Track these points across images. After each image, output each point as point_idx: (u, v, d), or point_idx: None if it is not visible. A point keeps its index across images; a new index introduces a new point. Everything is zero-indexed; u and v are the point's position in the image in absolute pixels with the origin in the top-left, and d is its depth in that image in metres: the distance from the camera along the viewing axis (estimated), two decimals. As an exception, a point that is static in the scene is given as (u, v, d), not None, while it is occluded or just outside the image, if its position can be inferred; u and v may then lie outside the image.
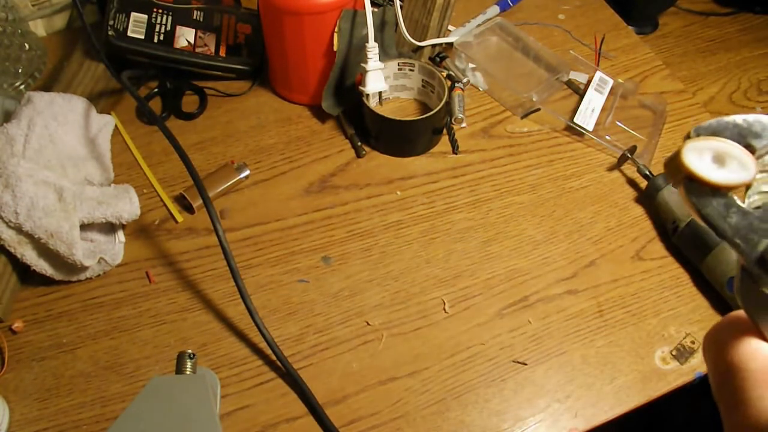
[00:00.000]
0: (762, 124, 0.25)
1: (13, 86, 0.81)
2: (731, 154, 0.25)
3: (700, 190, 0.25)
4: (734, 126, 0.25)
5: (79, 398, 0.59)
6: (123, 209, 0.66)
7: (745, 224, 0.24)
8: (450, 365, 0.61)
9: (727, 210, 0.24)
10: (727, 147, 0.25)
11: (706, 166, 0.25)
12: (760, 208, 0.25)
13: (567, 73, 0.83)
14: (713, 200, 0.25)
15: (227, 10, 0.85)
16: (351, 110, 0.79)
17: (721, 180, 0.24)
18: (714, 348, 0.27)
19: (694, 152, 0.25)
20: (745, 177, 0.24)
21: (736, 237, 0.24)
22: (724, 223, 0.24)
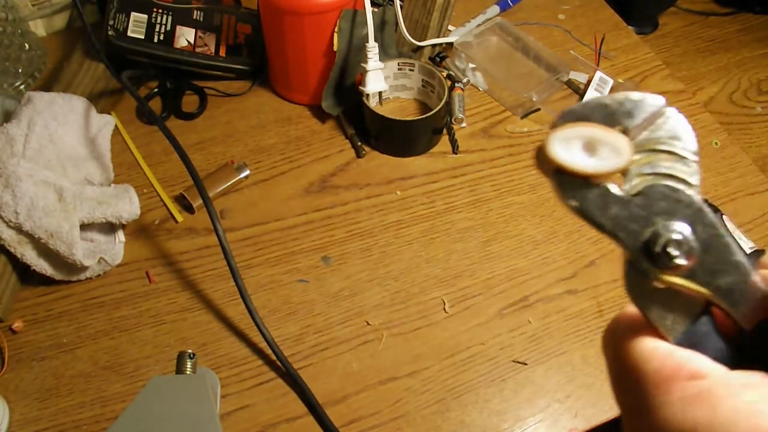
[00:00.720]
0: (633, 102, 0.23)
1: (13, 86, 0.81)
2: (602, 139, 0.22)
3: (572, 182, 0.23)
4: (603, 107, 0.23)
5: (79, 398, 0.59)
6: (123, 209, 0.66)
7: (625, 214, 0.22)
8: (450, 365, 0.61)
9: (605, 201, 0.23)
10: (596, 132, 0.22)
11: (575, 155, 0.22)
12: (641, 193, 0.23)
13: (567, 73, 0.83)
14: (588, 192, 0.23)
15: (227, 10, 0.85)
16: (351, 110, 0.79)
17: (593, 169, 0.22)
18: (610, 347, 0.25)
19: (561, 142, 0.22)
20: (619, 163, 0.22)
21: (617, 230, 0.23)
22: (602, 217, 0.23)
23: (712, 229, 0.22)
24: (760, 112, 0.89)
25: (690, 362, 0.21)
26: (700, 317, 0.23)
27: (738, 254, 0.22)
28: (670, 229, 0.22)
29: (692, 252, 0.22)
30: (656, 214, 0.22)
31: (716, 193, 0.74)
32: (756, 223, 0.72)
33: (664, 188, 0.22)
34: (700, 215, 0.22)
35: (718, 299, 0.22)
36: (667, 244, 0.22)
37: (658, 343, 0.23)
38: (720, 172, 0.77)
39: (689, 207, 0.22)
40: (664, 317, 0.23)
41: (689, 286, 0.22)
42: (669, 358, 0.22)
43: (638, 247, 0.22)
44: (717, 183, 0.75)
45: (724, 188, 0.75)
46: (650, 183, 0.23)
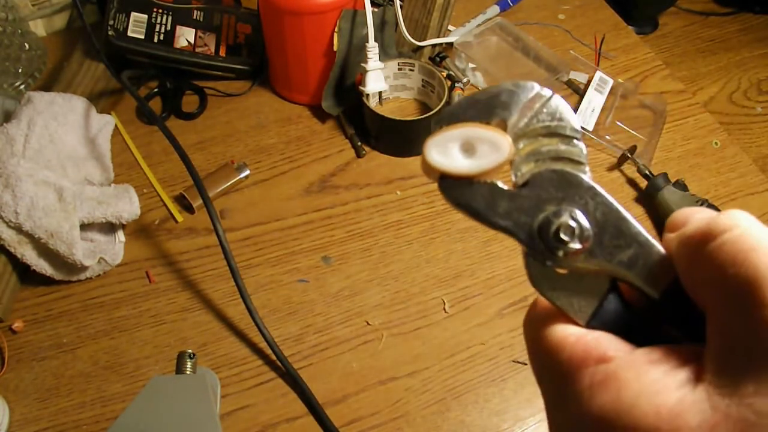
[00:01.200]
0: (507, 92, 0.22)
1: (13, 86, 0.81)
2: (478, 137, 0.22)
3: (457, 185, 0.22)
4: (475, 104, 0.22)
5: (79, 398, 0.59)
6: (123, 209, 0.66)
7: (514, 207, 0.22)
8: (450, 365, 0.61)
9: (492, 198, 0.22)
10: (471, 131, 0.22)
11: (454, 158, 0.22)
12: (528, 183, 0.22)
13: (567, 73, 0.83)
14: (474, 193, 0.22)
15: (227, 10, 0.85)
16: (351, 110, 0.79)
17: (475, 169, 0.22)
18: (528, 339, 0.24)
19: (438, 148, 0.22)
20: (499, 158, 0.22)
21: (509, 225, 0.22)
22: (493, 214, 0.22)
23: (606, 206, 0.22)
24: (760, 112, 0.89)
25: (597, 346, 0.21)
26: (607, 296, 0.23)
27: (634, 225, 0.22)
28: (559, 215, 0.22)
29: (585, 233, 0.21)
30: (545, 201, 0.22)
31: (716, 193, 0.74)
32: (756, 223, 0.72)
33: (550, 173, 0.22)
34: (591, 193, 0.22)
35: (622, 274, 0.22)
36: (558, 230, 0.21)
37: (568, 329, 0.22)
38: (720, 172, 0.77)
39: (578, 187, 0.22)
40: (570, 302, 0.22)
41: (590, 266, 0.22)
42: (578, 343, 0.21)
43: (532, 238, 0.22)
44: (717, 183, 0.75)
45: (724, 188, 0.75)
46: (536, 170, 0.22)
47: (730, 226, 0.19)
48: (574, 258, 0.22)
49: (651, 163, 0.76)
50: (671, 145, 0.79)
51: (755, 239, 0.18)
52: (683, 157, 0.78)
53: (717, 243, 0.19)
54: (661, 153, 0.78)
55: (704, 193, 0.73)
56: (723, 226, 0.19)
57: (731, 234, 0.19)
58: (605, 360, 0.20)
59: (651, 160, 0.76)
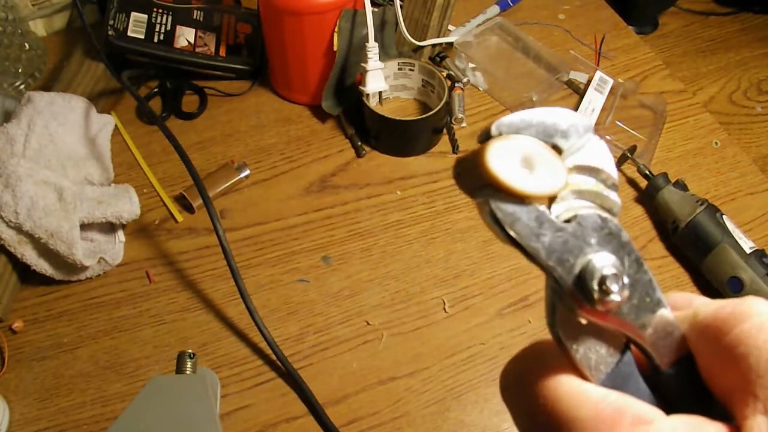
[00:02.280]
0: (568, 121, 0.21)
1: (13, 86, 0.81)
2: (541, 156, 0.20)
3: (504, 201, 0.20)
4: (539, 123, 0.21)
5: (79, 398, 0.59)
6: (123, 209, 0.66)
7: (559, 242, 0.20)
8: (450, 365, 0.61)
9: (540, 226, 0.20)
10: (536, 148, 0.20)
11: (514, 171, 0.19)
12: (572, 221, 0.21)
13: (567, 73, 0.83)
14: (523, 214, 0.20)
15: (227, 10, 0.85)
16: (351, 110, 0.79)
17: (532, 189, 0.20)
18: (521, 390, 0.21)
19: (500, 154, 0.20)
20: (557, 185, 0.20)
21: (551, 259, 0.20)
22: (537, 243, 0.20)
23: (638, 264, 0.21)
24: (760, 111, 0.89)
25: (629, 408, 0.19)
26: (623, 356, 0.22)
27: (659, 291, 0.21)
28: (604, 263, 0.20)
29: (625, 288, 0.20)
30: (589, 244, 0.21)
31: (716, 192, 0.74)
32: (756, 223, 0.72)
33: (597, 218, 0.21)
34: (629, 249, 0.21)
35: (640, 337, 0.21)
36: (603, 278, 0.20)
37: (585, 384, 0.20)
38: (720, 171, 0.77)
39: (618, 240, 0.21)
40: (588, 356, 0.21)
41: (616, 322, 0.21)
42: (604, 401, 0.19)
43: (571, 280, 0.20)
44: (717, 183, 0.75)
45: (724, 188, 0.75)
46: (581, 211, 0.21)
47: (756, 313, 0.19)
48: (608, 310, 0.20)
49: (651, 163, 0.76)
50: (671, 145, 0.79)
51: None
52: (683, 157, 0.78)
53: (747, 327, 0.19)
54: (661, 153, 0.78)
55: (704, 193, 0.73)
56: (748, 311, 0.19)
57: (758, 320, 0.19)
58: (643, 422, 0.19)
59: (651, 160, 0.76)
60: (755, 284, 0.61)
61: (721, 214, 0.66)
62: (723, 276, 0.63)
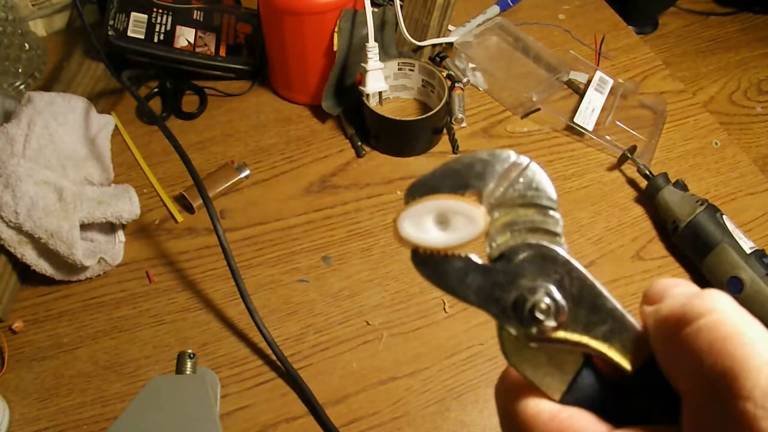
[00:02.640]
0: (482, 162, 0.22)
1: (13, 86, 0.81)
2: (453, 209, 0.21)
3: (430, 258, 0.22)
4: (451, 174, 0.22)
5: (79, 398, 0.59)
6: (123, 209, 0.66)
7: (488, 283, 0.22)
8: (450, 365, 0.61)
9: (465, 273, 0.22)
10: (445, 203, 0.22)
11: (427, 231, 0.22)
12: (502, 256, 0.22)
13: (567, 73, 0.83)
14: (447, 266, 0.22)
15: (227, 10, 0.85)
16: (351, 110, 0.79)
17: (447, 243, 0.21)
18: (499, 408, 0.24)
19: (411, 221, 0.22)
20: (474, 231, 0.22)
21: (482, 301, 0.22)
22: (465, 289, 0.22)
23: (581, 280, 0.22)
24: (760, 112, 0.89)
25: (572, 425, 0.20)
26: (581, 371, 0.22)
27: (610, 301, 0.22)
28: (535, 291, 0.21)
29: (561, 310, 0.21)
30: (520, 275, 0.22)
31: (716, 193, 0.74)
32: (756, 223, 0.72)
33: (526, 247, 0.22)
34: (566, 268, 0.22)
35: (597, 350, 0.22)
36: (533, 307, 0.21)
37: (542, 405, 0.22)
38: (720, 172, 0.77)
39: (554, 262, 0.22)
40: (544, 377, 0.22)
41: (565, 341, 0.22)
42: (552, 422, 0.21)
43: (506, 314, 0.22)
44: (717, 183, 0.75)
45: (725, 188, 0.75)
46: (512, 243, 0.22)
47: (708, 311, 0.18)
48: (549, 333, 0.21)
49: (651, 163, 0.76)
50: (671, 145, 0.79)
51: (732, 326, 0.18)
52: (683, 157, 0.78)
53: (693, 329, 0.18)
54: (661, 153, 0.78)
55: (704, 193, 0.73)
56: (699, 310, 0.19)
57: (708, 319, 0.18)
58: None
59: (651, 160, 0.76)
60: (755, 284, 0.61)
61: (721, 214, 0.66)
62: (723, 276, 0.63)
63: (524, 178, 0.22)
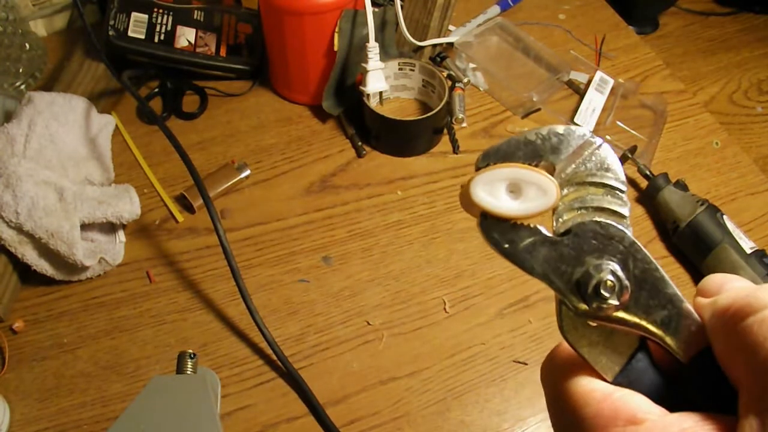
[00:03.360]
0: (558, 136, 0.22)
1: (13, 86, 0.81)
2: (527, 179, 0.21)
3: (498, 225, 0.22)
4: (527, 144, 0.22)
5: (80, 398, 0.59)
6: (123, 209, 0.66)
7: (555, 256, 0.22)
8: (450, 365, 0.61)
9: (533, 244, 0.22)
10: (520, 173, 0.21)
11: (500, 199, 0.21)
12: (570, 231, 0.22)
13: (567, 73, 0.83)
14: (515, 236, 0.22)
15: (228, 10, 0.85)
16: (351, 110, 0.79)
17: (519, 212, 0.21)
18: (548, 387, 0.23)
19: (485, 185, 0.22)
20: (545, 203, 0.21)
21: (548, 273, 0.22)
22: (531, 260, 0.22)
23: (645, 263, 0.22)
24: (760, 111, 0.89)
25: (627, 406, 0.20)
26: (636, 354, 0.22)
27: (671, 287, 0.22)
28: (600, 269, 0.21)
29: (625, 290, 0.21)
30: (587, 252, 0.22)
31: (717, 193, 0.74)
32: (757, 223, 0.72)
33: (594, 224, 0.22)
34: (632, 250, 0.22)
35: (654, 334, 0.22)
36: (598, 285, 0.21)
37: (595, 383, 0.22)
38: (720, 172, 0.77)
39: (621, 242, 0.22)
40: (600, 356, 0.22)
41: (624, 322, 0.22)
42: (606, 400, 0.21)
43: (570, 289, 0.22)
44: (717, 183, 0.75)
45: (725, 188, 0.75)
46: (580, 220, 0.22)
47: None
48: (609, 313, 0.21)
49: (651, 163, 0.76)
50: (672, 145, 0.79)
51: None
52: (683, 157, 0.78)
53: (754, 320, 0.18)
54: (662, 153, 0.78)
55: (704, 193, 0.73)
56: (762, 302, 0.19)
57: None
58: (635, 422, 0.20)
59: (651, 160, 0.76)
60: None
61: (721, 215, 0.66)
62: (723, 276, 0.63)
63: (596, 158, 0.22)
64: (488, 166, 0.22)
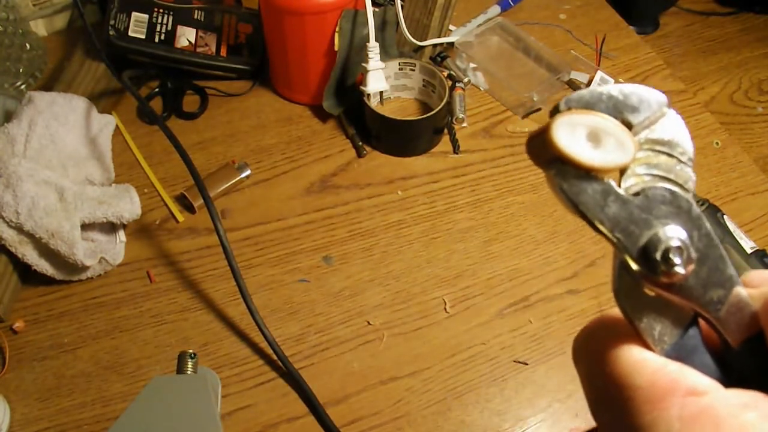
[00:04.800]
0: (639, 97, 0.21)
1: (14, 86, 0.81)
2: (608, 130, 0.21)
3: (572, 174, 0.21)
4: (609, 98, 0.21)
5: (80, 398, 0.59)
6: (124, 209, 0.66)
7: (625, 215, 0.21)
8: (451, 365, 0.61)
9: (605, 198, 0.21)
10: (603, 122, 0.21)
11: (580, 145, 0.20)
12: (639, 194, 0.21)
13: (568, 73, 0.83)
14: (588, 186, 0.21)
15: (228, 10, 0.85)
16: (352, 110, 0.79)
17: (598, 162, 0.20)
18: (587, 357, 0.23)
19: (566, 128, 0.20)
20: (624, 158, 0.21)
21: (616, 230, 0.21)
22: (601, 214, 0.21)
23: (709, 239, 0.21)
24: (761, 111, 0.89)
25: (685, 377, 0.20)
26: (688, 329, 0.22)
27: (730, 267, 0.21)
28: (670, 235, 0.21)
29: (690, 260, 0.21)
30: (656, 217, 0.21)
31: (717, 192, 0.74)
32: (757, 223, 0.72)
33: (665, 191, 0.21)
34: (699, 223, 0.21)
35: (708, 312, 0.21)
36: (667, 250, 0.21)
37: (646, 353, 0.21)
38: (721, 172, 0.77)
39: (688, 214, 0.21)
40: (653, 327, 0.22)
41: (682, 295, 0.21)
42: (662, 371, 0.20)
43: (636, 251, 0.21)
44: (718, 183, 0.75)
45: (725, 188, 0.75)
46: (650, 185, 0.21)
47: None
48: (671, 282, 0.21)
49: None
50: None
51: None
52: (684, 157, 0.78)
53: None
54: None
55: (705, 193, 0.73)
56: None
57: None
58: (696, 393, 0.19)
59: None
60: (756, 284, 0.61)
61: (722, 214, 0.66)
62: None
63: (670, 128, 0.22)
64: (570, 110, 0.21)
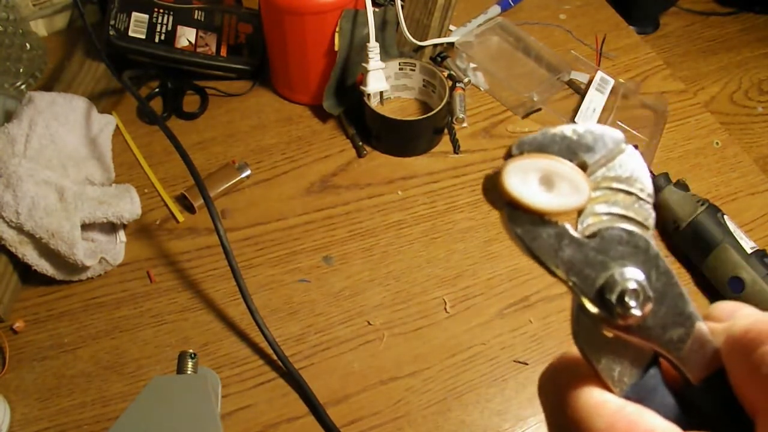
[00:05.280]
0: (594, 135, 0.21)
1: (14, 86, 0.81)
2: (561, 174, 0.21)
3: (525, 219, 0.21)
4: (563, 139, 0.21)
5: (80, 398, 0.59)
6: (124, 209, 0.66)
7: (580, 257, 0.21)
8: (451, 365, 0.61)
9: (559, 242, 0.21)
10: (555, 166, 0.21)
11: (531, 190, 0.20)
12: (595, 235, 0.21)
13: (568, 73, 0.83)
14: (543, 231, 0.21)
15: (228, 10, 0.85)
16: (352, 110, 0.79)
17: (551, 207, 0.20)
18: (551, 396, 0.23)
19: (518, 173, 0.20)
20: (578, 201, 0.21)
21: (571, 274, 0.21)
22: (556, 258, 0.21)
23: (668, 277, 0.21)
24: (761, 111, 0.89)
25: (642, 420, 0.19)
26: (648, 369, 0.22)
27: (690, 304, 0.21)
28: (626, 277, 0.21)
29: (647, 301, 0.21)
30: (612, 259, 0.21)
31: (717, 193, 0.74)
32: (757, 223, 0.72)
33: (621, 231, 0.21)
34: (657, 262, 0.21)
35: (669, 351, 0.21)
36: (623, 292, 0.20)
37: (606, 395, 0.21)
38: (721, 172, 0.77)
39: (646, 253, 0.21)
40: (612, 368, 0.21)
41: (641, 336, 0.21)
42: (619, 413, 0.20)
43: (592, 294, 0.21)
44: (718, 183, 0.75)
45: (725, 188, 0.75)
46: (606, 225, 0.21)
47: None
48: (628, 324, 0.21)
49: (652, 163, 0.76)
50: (672, 145, 0.79)
51: None
52: (684, 157, 0.78)
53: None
54: (662, 153, 0.78)
55: (705, 193, 0.73)
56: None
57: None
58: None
59: (652, 160, 0.76)
60: (756, 284, 0.61)
61: (722, 214, 0.66)
62: (724, 276, 0.63)
63: (627, 165, 0.22)
64: (522, 154, 0.21)
